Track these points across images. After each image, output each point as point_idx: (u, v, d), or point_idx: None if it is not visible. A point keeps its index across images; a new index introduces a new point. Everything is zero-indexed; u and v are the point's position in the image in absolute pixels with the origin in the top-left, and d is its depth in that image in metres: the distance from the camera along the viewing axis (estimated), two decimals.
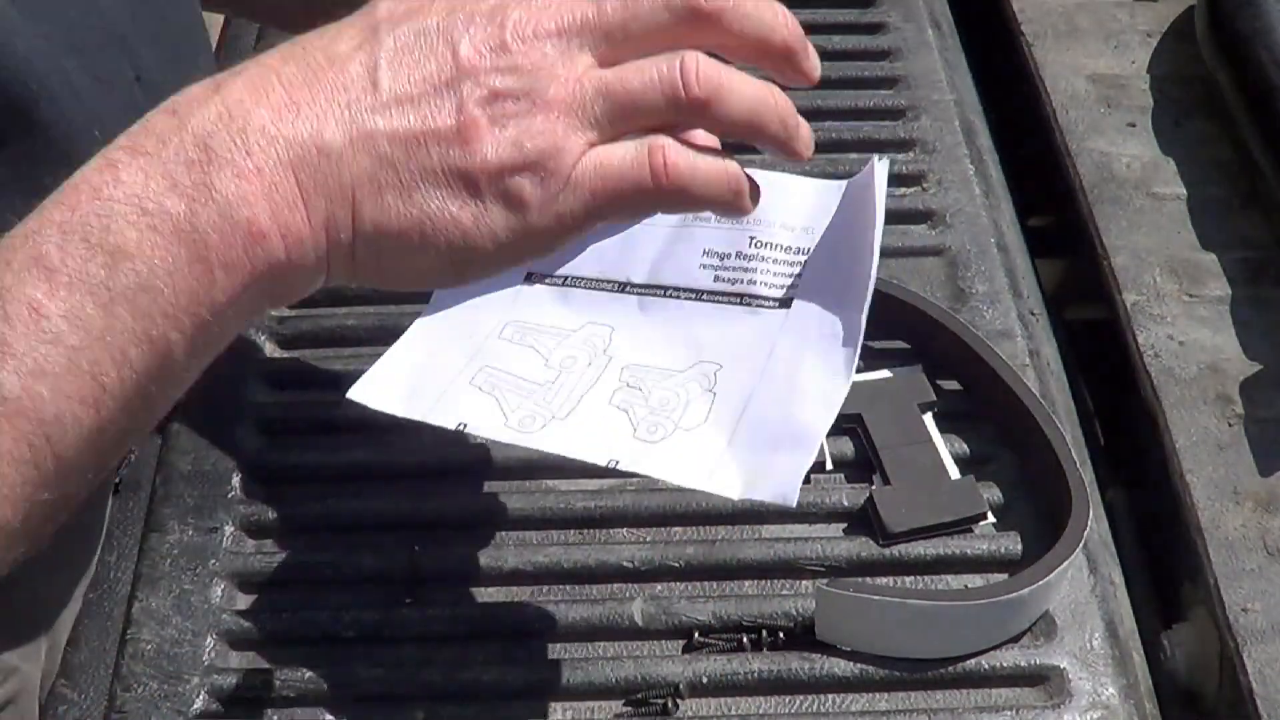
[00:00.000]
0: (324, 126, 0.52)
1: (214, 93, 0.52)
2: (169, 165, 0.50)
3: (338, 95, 0.52)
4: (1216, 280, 0.93)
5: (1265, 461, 0.82)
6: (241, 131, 0.51)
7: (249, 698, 0.71)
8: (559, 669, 0.72)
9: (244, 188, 0.50)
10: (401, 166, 0.52)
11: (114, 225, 0.49)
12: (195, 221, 0.50)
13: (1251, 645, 0.74)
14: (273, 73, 0.53)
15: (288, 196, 0.51)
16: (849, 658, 0.73)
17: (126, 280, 0.49)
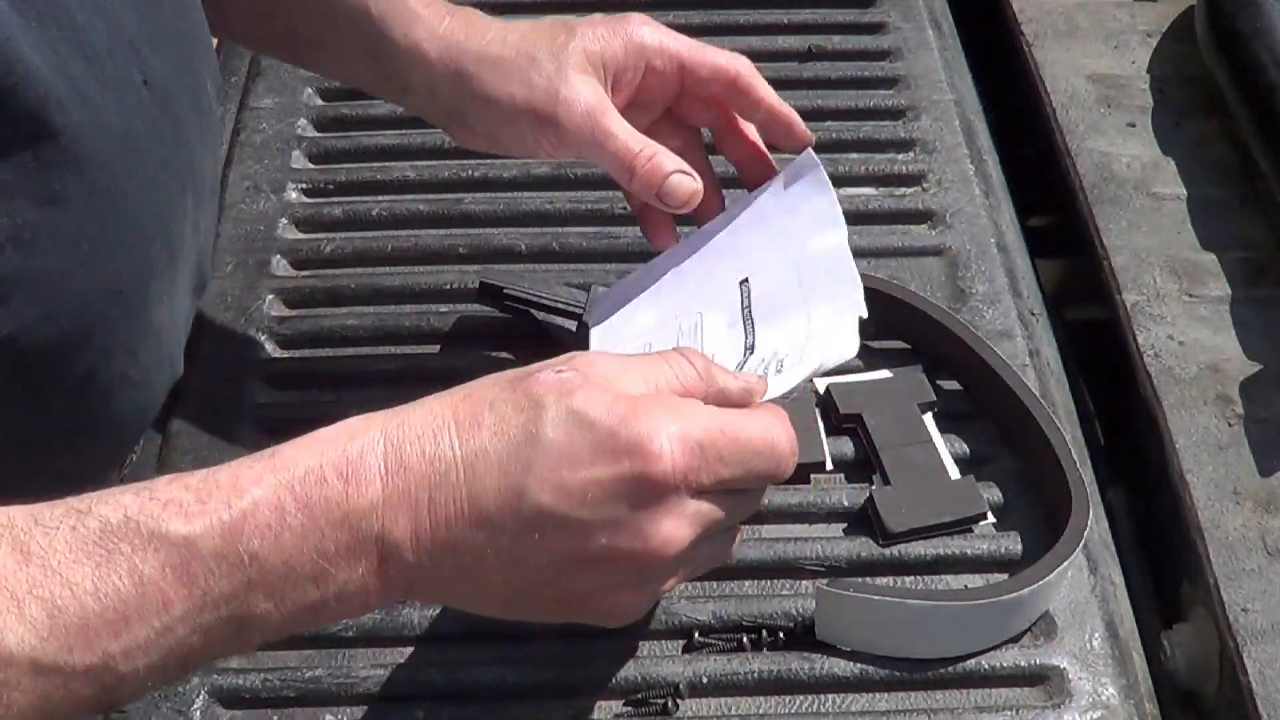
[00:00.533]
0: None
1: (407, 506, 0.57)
2: (323, 541, 0.55)
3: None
4: (1216, 280, 0.93)
5: (1265, 461, 0.82)
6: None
7: (249, 698, 0.71)
8: (559, 669, 0.72)
9: (372, 584, 0.56)
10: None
11: (259, 570, 0.54)
12: (329, 590, 0.56)
13: (1251, 645, 0.74)
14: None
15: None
16: (849, 658, 0.73)
17: (247, 611, 0.55)
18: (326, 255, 0.95)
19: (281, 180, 1.00)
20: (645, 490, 0.56)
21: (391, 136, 1.04)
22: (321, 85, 1.08)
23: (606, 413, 0.56)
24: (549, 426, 0.56)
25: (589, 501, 0.56)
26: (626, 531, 0.57)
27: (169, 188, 0.71)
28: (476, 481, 0.55)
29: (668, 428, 0.57)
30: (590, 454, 0.56)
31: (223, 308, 0.91)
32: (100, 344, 0.68)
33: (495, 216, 0.98)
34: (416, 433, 0.56)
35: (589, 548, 0.57)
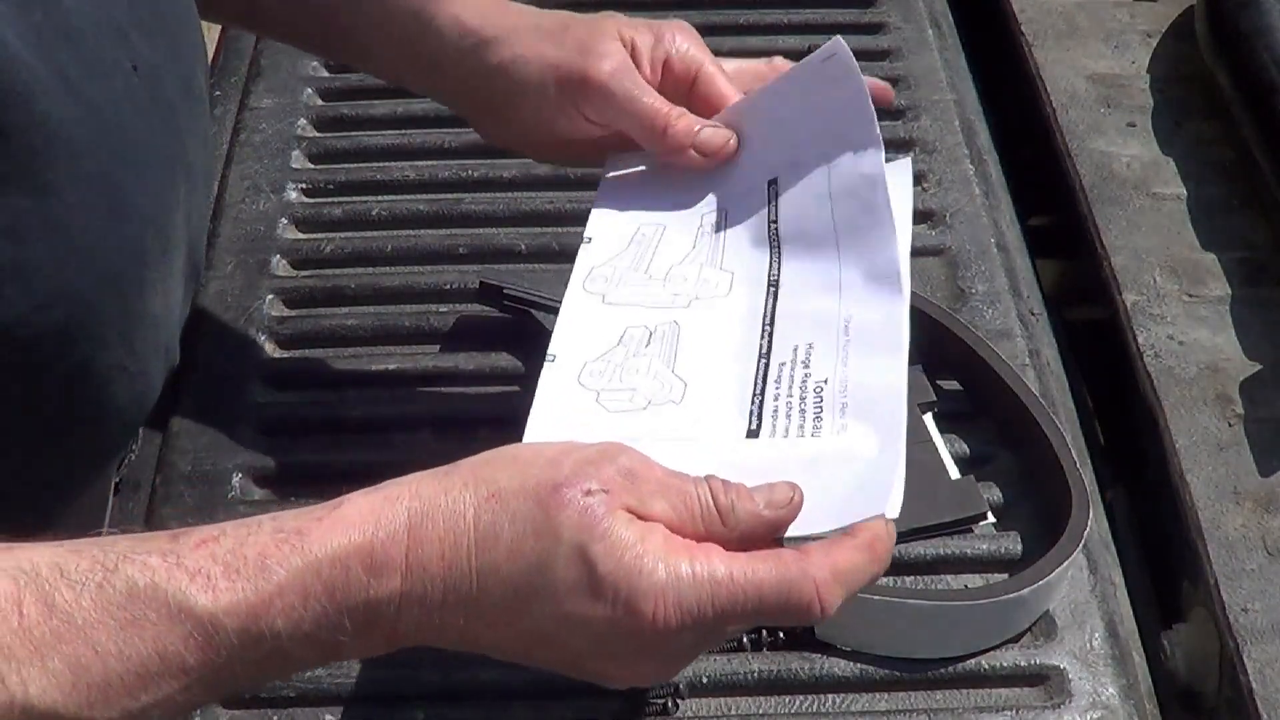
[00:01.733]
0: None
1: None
2: (343, 625, 0.56)
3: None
4: (1216, 280, 0.93)
5: (1265, 461, 0.82)
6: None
7: (249, 698, 0.71)
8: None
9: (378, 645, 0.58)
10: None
11: (278, 648, 0.55)
12: (339, 657, 0.59)
13: (1251, 645, 0.74)
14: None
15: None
16: (849, 658, 0.73)
17: (262, 673, 0.57)
18: (326, 255, 0.95)
19: (281, 180, 1.00)
20: (639, 639, 0.58)
21: (391, 136, 1.04)
22: (322, 85, 1.08)
23: (615, 564, 0.57)
24: (560, 563, 0.57)
25: (586, 636, 0.58)
26: (616, 662, 0.60)
27: (161, 175, 0.71)
28: (485, 596, 0.57)
29: (666, 587, 0.57)
30: (591, 601, 0.57)
31: (223, 308, 0.91)
32: (95, 333, 0.68)
33: (495, 216, 0.98)
34: (438, 534, 0.57)
35: (583, 665, 0.60)
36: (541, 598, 0.57)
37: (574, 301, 0.74)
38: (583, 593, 0.57)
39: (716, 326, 0.73)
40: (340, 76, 1.09)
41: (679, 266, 0.76)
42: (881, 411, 0.65)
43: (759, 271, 0.75)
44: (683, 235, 0.78)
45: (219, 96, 1.07)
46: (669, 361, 0.71)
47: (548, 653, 0.59)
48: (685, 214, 0.79)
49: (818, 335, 0.70)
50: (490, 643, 0.59)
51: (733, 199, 0.78)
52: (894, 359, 0.67)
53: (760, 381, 0.69)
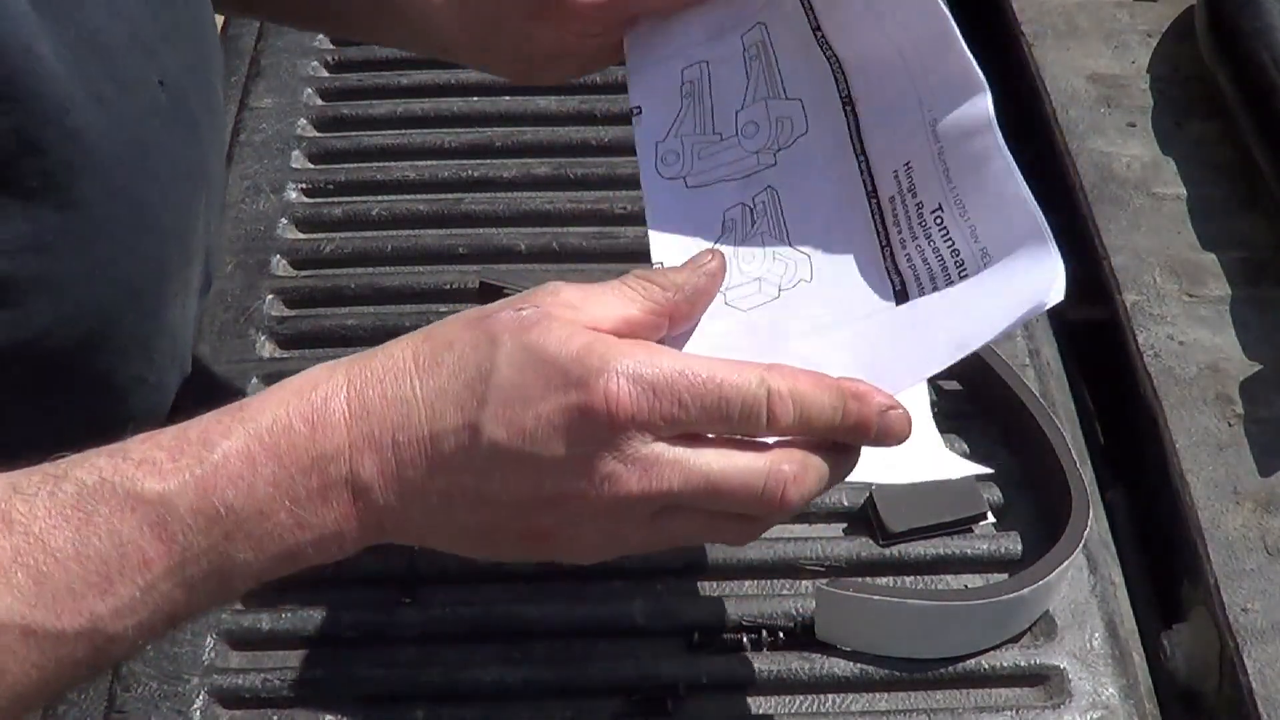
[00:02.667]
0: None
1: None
2: (295, 488, 0.55)
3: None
4: (1216, 280, 0.93)
5: (1265, 461, 0.82)
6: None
7: (249, 698, 0.71)
8: (559, 669, 0.72)
9: (348, 525, 0.57)
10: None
11: (235, 521, 0.54)
12: (305, 536, 0.56)
13: (1251, 645, 0.74)
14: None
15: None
16: (849, 658, 0.73)
17: (228, 562, 0.55)
18: (326, 255, 0.95)
19: (281, 180, 1.00)
20: (589, 425, 0.55)
21: (391, 136, 1.04)
22: (322, 85, 1.08)
23: (560, 347, 0.55)
24: (503, 363, 0.55)
25: (539, 438, 0.55)
26: (572, 469, 0.56)
27: (183, 188, 0.71)
28: (437, 420, 0.55)
29: (620, 362, 0.55)
30: (541, 389, 0.55)
31: (223, 308, 0.91)
32: (118, 345, 0.68)
33: (495, 216, 0.98)
34: (378, 376, 0.56)
35: (543, 486, 0.56)
36: (490, 404, 0.55)
37: (657, 193, 0.68)
38: (532, 388, 0.55)
39: (812, 175, 0.67)
40: (340, 76, 1.09)
41: (745, 110, 0.70)
42: (1010, 217, 0.59)
43: (828, 90, 0.68)
44: (732, 70, 0.71)
45: None
46: (782, 236, 0.66)
47: (510, 487, 0.56)
48: (724, 43, 0.72)
49: (911, 149, 0.64)
50: (451, 496, 0.56)
51: (764, 8, 0.71)
52: (994, 154, 0.61)
53: (881, 229, 0.64)
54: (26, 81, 0.58)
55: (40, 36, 0.59)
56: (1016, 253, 0.59)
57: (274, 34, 1.11)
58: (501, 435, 0.55)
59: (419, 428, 0.55)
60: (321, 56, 1.10)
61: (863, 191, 0.65)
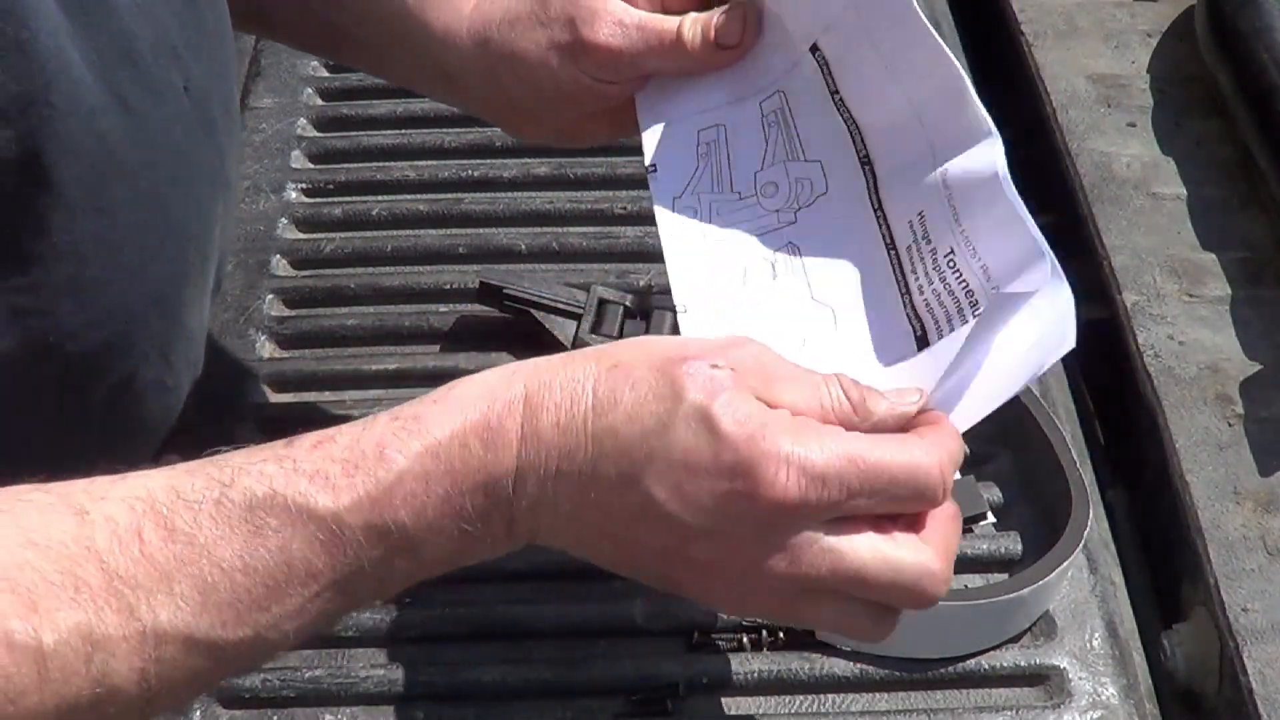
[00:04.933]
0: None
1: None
2: (464, 504, 0.55)
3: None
4: (1216, 280, 0.93)
5: (1265, 461, 0.82)
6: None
7: (249, 698, 0.71)
8: (559, 669, 0.72)
9: (500, 539, 0.57)
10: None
11: (405, 538, 0.54)
12: (464, 554, 0.57)
13: (1251, 645, 0.74)
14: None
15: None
16: (849, 658, 0.73)
17: (391, 574, 0.55)
18: (326, 255, 0.95)
19: (281, 180, 1.00)
20: (751, 509, 0.55)
21: (391, 136, 1.04)
22: (322, 85, 1.08)
23: (737, 427, 0.54)
24: (680, 424, 0.54)
25: (698, 509, 0.55)
26: (722, 543, 0.56)
27: (205, 193, 0.72)
28: (602, 460, 0.55)
29: (792, 450, 0.54)
30: (711, 461, 0.54)
31: (223, 308, 0.91)
32: (140, 349, 0.68)
33: (495, 216, 0.98)
34: (555, 400, 0.55)
35: (689, 548, 0.56)
36: (657, 461, 0.55)
37: (677, 243, 0.69)
38: (703, 459, 0.54)
39: (832, 232, 0.68)
40: (340, 76, 1.09)
41: (764, 172, 0.71)
42: (1019, 253, 0.61)
43: (847, 151, 0.69)
44: (750, 133, 0.72)
45: None
46: (804, 289, 0.67)
47: (655, 538, 0.56)
48: (742, 108, 0.73)
49: (924, 198, 0.65)
50: (600, 528, 0.56)
51: (783, 76, 0.72)
52: (999, 198, 0.63)
53: (900, 277, 0.65)
54: (62, 87, 0.59)
55: (71, 41, 0.60)
56: (1021, 278, 0.60)
57: None
58: (661, 495, 0.55)
59: (584, 464, 0.55)
60: None
61: (881, 244, 0.66)
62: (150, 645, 0.50)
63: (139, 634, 0.50)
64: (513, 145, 1.03)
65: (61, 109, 0.59)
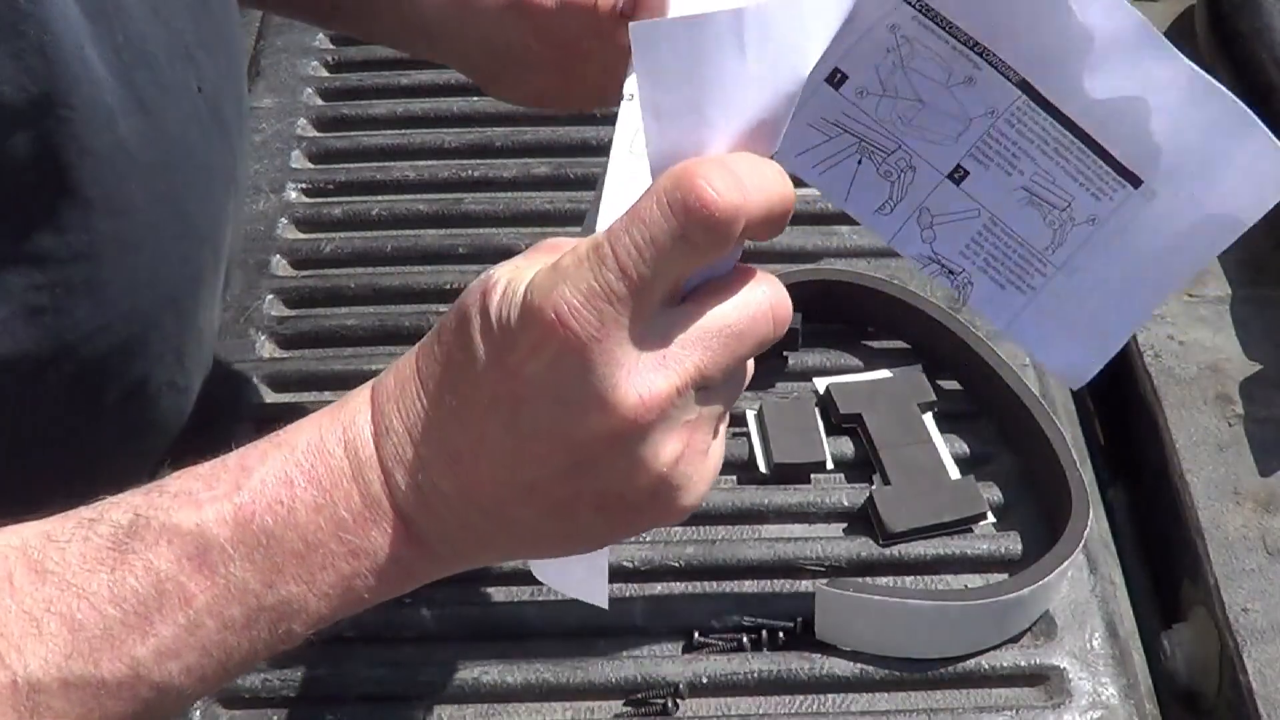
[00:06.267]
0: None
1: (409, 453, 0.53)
2: (337, 511, 0.52)
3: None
4: (1216, 280, 0.93)
5: (1265, 461, 0.82)
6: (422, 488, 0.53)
7: (249, 698, 0.71)
8: (559, 669, 0.72)
9: (403, 550, 0.53)
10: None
11: (281, 550, 0.52)
12: (360, 565, 0.53)
13: (1251, 645, 0.74)
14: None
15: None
16: (849, 658, 0.73)
17: (278, 597, 0.52)
18: (326, 255, 0.95)
19: (281, 180, 1.00)
20: (551, 349, 0.50)
21: (391, 136, 1.04)
22: (322, 85, 1.08)
23: (511, 293, 0.50)
24: (474, 326, 0.51)
25: (529, 374, 0.50)
26: (555, 402, 0.51)
27: (218, 193, 0.72)
28: (436, 400, 0.52)
29: (555, 284, 0.49)
30: (521, 340, 0.50)
31: (222, 307, 0.91)
32: (154, 351, 0.68)
33: (495, 216, 0.98)
34: (389, 390, 0.53)
35: (564, 419, 0.51)
36: (469, 369, 0.51)
37: (620, 170, 0.60)
38: (513, 343, 0.50)
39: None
40: (340, 76, 1.09)
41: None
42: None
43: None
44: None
45: None
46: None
47: (537, 442, 0.51)
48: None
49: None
50: (490, 491, 0.52)
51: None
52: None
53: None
54: (83, 90, 0.59)
55: (90, 41, 0.59)
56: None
57: (274, 34, 1.11)
58: (490, 393, 0.51)
59: (429, 433, 0.53)
60: (321, 56, 1.10)
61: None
62: (24, 695, 0.49)
63: (11, 685, 0.49)
64: (513, 145, 1.03)
65: (81, 111, 0.59)
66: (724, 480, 0.81)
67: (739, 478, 0.81)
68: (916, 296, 0.88)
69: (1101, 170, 0.61)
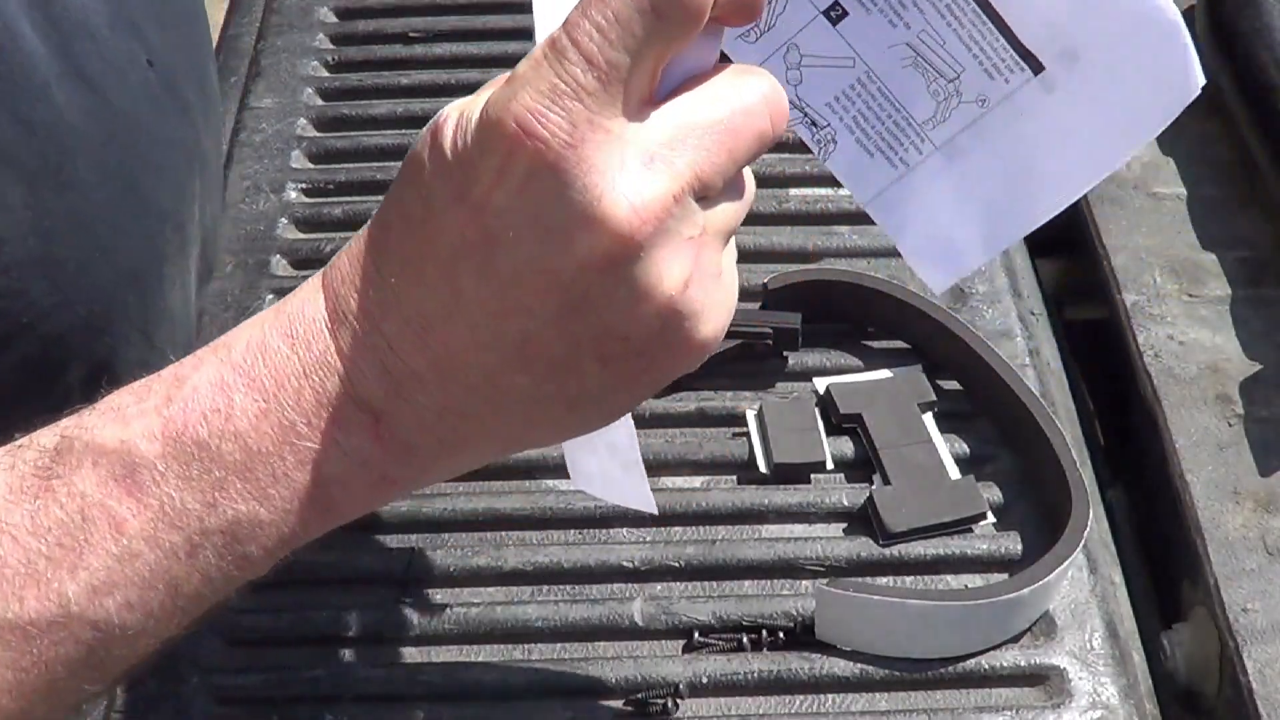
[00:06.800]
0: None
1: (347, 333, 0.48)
2: (285, 414, 0.47)
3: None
4: (1216, 280, 0.93)
5: (1265, 461, 0.82)
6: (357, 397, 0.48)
7: (249, 698, 0.71)
8: (559, 669, 0.72)
9: (372, 451, 0.47)
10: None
11: (220, 464, 0.46)
12: (321, 474, 0.47)
13: (1251, 645, 0.74)
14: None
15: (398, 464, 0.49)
16: (849, 658, 0.73)
17: (224, 518, 0.47)
18: (326, 255, 0.95)
19: (281, 180, 1.00)
20: (505, 152, 0.44)
21: (391, 136, 1.04)
22: (322, 85, 1.08)
23: (465, 118, 0.46)
24: (432, 178, 0.46)
25: (497, 207, 0.45)
26: (521, 208, 0.45)
27: (178, 169, 0.71)
28: (410, 285, 0.47)
29: (507, 96, 0.45)
30: (483, 166, 0.45)
31: (222, 308, 0.91)
32: (118, 329, 0.67)
33: None
34: (343, 272, 0.47)
35: (559, 262, 0.45)
36: (429, 219, 0.46)
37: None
38: (447, 170, 0.45)
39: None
40: (340, 76, 1.09)
41: None
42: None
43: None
44: None
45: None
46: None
47: (519, 287, 0.45)
48: None
49: None
50: (443, 338, 0.46)
51: None
52: None
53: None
54: (13, 59, 0.57)
55: (21, 15, 0.59)
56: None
57: (274, 34, 1.11)
58: (458, 234, 0.45)
59: (396, 303, 0.47)
60: (321, 56, 1.10)
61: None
62: None
63: None
64: None
65: (15, 82, 0.57)
66: (724, 480, 0.81)
67: (739, 478, 0.82)
68: (916, 296, 0.88)
69: (1000, 46, 0.55)
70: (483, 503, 0.79)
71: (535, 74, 0.44)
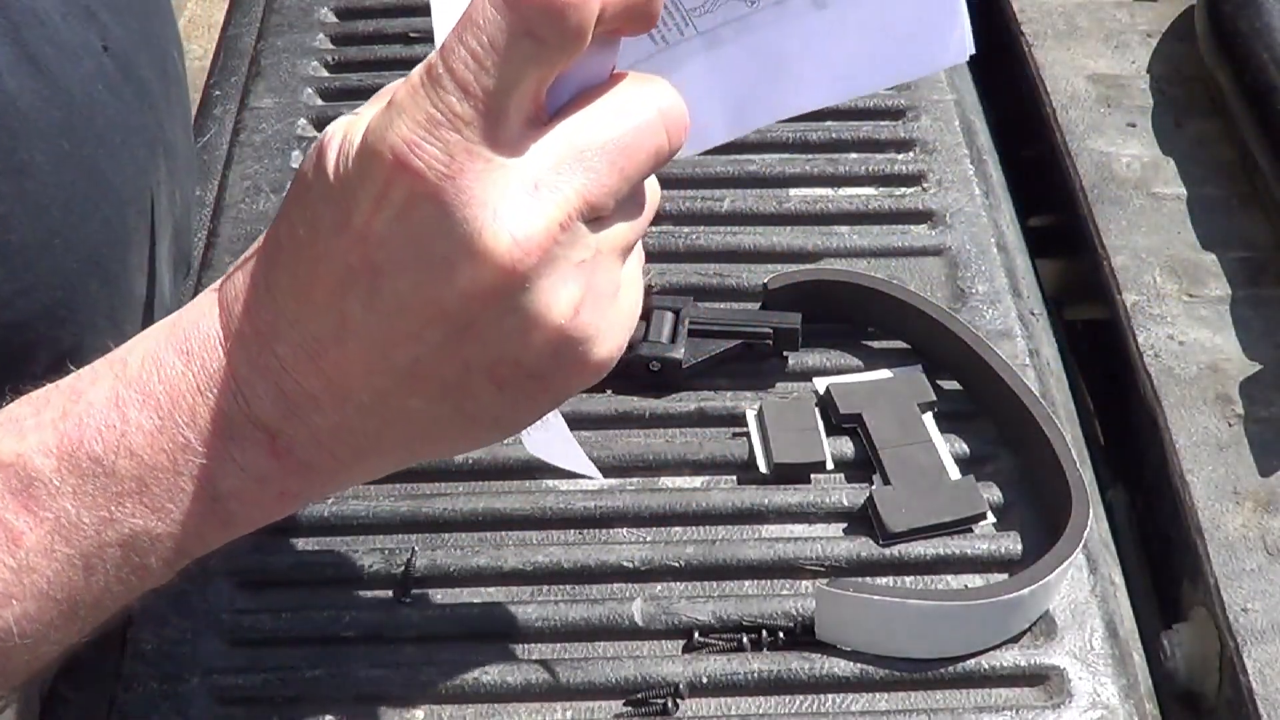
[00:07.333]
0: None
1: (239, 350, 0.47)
2: (180, 432, 0.47)
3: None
4: (1216, 280, 0.93)
5: (1265, 461, 0.82)
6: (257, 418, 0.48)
7: (249, 698, 0.71)
8: (559, 669, 0.72)
9: (269, 467, 0.47)
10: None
11: (116, 479, 0.46)
12: (217, 490, 0.47)
13: (1251, 645, 0.74)
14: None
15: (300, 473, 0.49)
16: (849, 658, 0.73)
17: (121, 533, 0.47)
18: None
19: (281, 180, 1.00)
20: (385, 178, 0.44)
21: None
22: (322, 85, 1.08)
23: (365, 141, 0.45)
24: (317, 202, 0.45)
25: (378, 227, 0.44)
26: (397, 218, 0.45)
27: (138, 153, 0.70)
28: (300, 308, 0.46)
29: (382, 121, 0.44)
30: (362, 194, 0.44)
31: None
32: (82, 317, 0.66)
33: None
34: (237, 287, 0.47)
35: (442, 293, 0.45)
36: (315, 241, 0.45)
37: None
38: (330, 195, 0.45)
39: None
40: (340, 77, 1.09)
41: None
42: None
43: None
44: None
45: (219, 96, 1.07)
46: None
47: (403, 297, 0.45)
48: None
49: None
50: (334, 362, 0.46)
51: None
52: None
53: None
54: None
55: None
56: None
57: (274, 34, 1.11)
58: (342, 262, 0.45)
59: (287, 325, 0.46)
60: (321, 56, 1.10)
61: None
62: None
63: None
64: None
65: None
66: (724, 480, 0.81)
67: (739, 478, 0.82)
68: (916, 296, 0.88)
69: None
70: (483, 503, 0.79)
71: (412, 103, 0.43)
